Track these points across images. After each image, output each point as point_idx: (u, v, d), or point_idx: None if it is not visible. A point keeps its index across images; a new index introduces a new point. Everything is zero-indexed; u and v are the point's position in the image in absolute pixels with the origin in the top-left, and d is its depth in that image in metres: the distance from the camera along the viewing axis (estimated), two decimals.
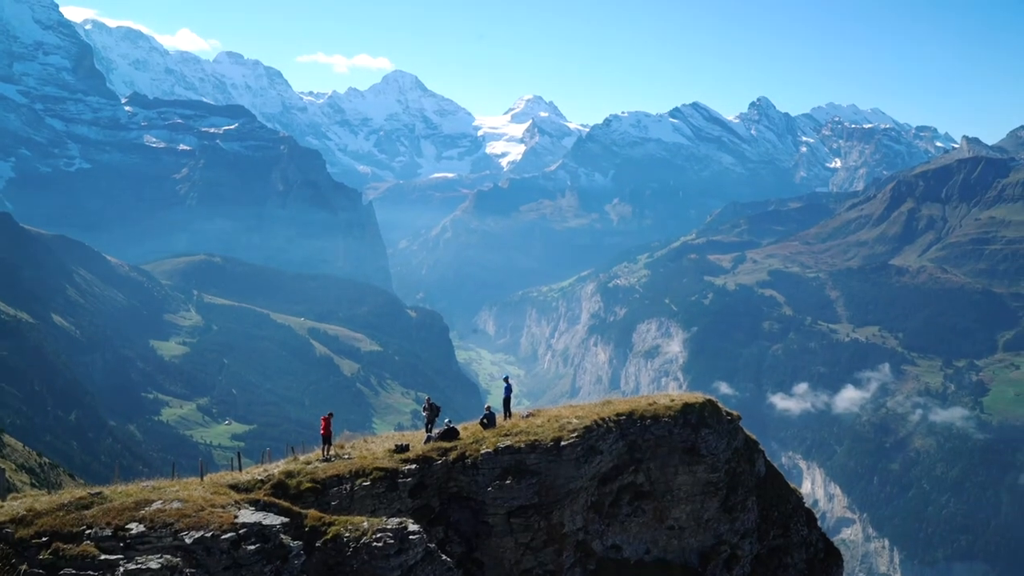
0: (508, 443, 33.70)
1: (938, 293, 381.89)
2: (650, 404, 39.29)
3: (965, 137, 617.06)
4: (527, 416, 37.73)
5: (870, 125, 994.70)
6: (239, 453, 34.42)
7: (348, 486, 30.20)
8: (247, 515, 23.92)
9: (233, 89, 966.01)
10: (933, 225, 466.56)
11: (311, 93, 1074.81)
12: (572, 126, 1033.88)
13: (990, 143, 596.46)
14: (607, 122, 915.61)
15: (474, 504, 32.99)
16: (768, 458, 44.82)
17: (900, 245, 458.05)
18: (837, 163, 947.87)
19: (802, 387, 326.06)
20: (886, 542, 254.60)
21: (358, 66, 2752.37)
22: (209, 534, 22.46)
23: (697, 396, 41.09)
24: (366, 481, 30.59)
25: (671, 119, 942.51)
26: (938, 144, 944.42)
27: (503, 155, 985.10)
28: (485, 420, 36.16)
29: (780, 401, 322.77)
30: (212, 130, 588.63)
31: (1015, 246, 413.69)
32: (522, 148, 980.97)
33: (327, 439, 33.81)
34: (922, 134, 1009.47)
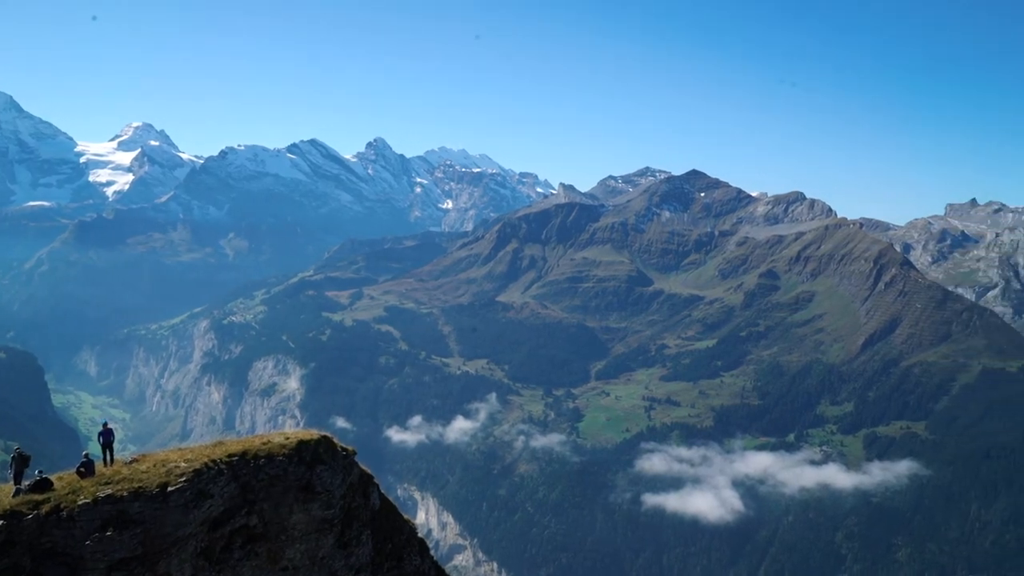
0: (109, 492, 31.70)
1: (539, 327, 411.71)
2: (264, 443, 38.68)
3: (562, 184, 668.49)
4: (131, 462, 35.66)
5: (479, 170, 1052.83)
6: None
7: None
8: None
9: None
10: (535, 264, 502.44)
11: None
12: (185, 157, 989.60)
13: (583, 190, 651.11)
14: (223, 154, 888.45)
15: (71, 560, 30.61)
16: (384, 491, 45.69)
17: (506, 283, 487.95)
18: (449, 204, 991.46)
19: (416, 419, 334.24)
20: (495, 565, 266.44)
21: None
22: None
23: (313, 433, 41.04)
24: None
25: (289, 155, 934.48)
26: (539, 190, 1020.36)
27: (109, 184, 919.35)
28: (83, 468, 33.66)
29: (396, 434, 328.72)
30: None
31: (604, 284, 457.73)
32: (130, 177, 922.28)
33: None
34: (525, 180, 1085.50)
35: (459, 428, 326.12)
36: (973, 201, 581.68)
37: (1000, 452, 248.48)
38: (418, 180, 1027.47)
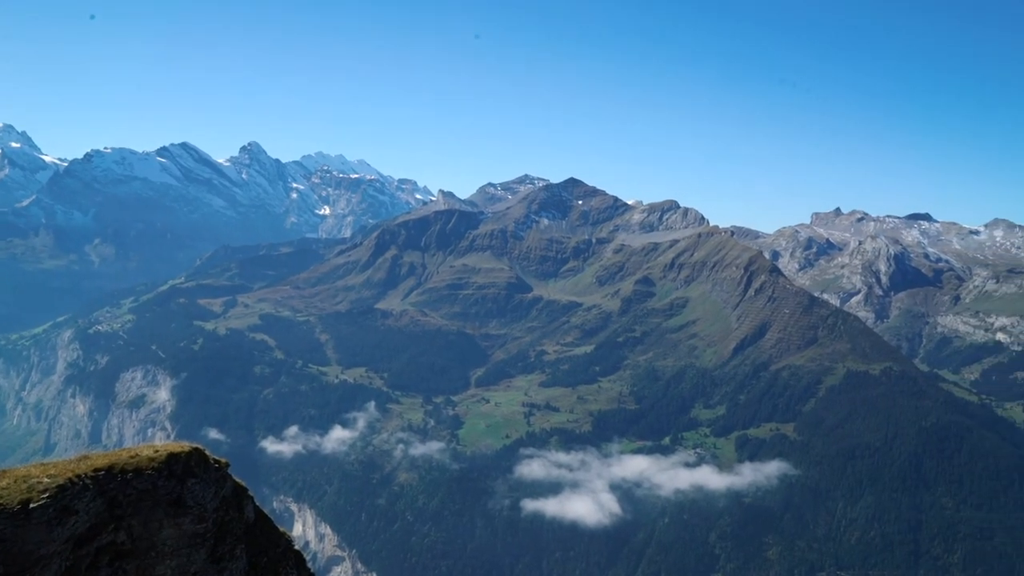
0: None
1: (419, 335, 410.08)
2: (132, 456, 37.14)
3: (441, 191, 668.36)
4: None
5: (357, 175, 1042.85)
6: None
7: None
8: None
9: None
10: (414, 271, 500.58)
11: None
12: (48, 159, 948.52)
13: (463, 197, 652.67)
14: (88, 157, 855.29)
15: None
16: (259, 503, 44.47)
17: (385, 290, 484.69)
18: (326, 210, 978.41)
19: (293, 430, 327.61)
20: (374, 575, 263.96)
21: None
22: None
23: (184, 445, 39.67)
24: None
25: (159, 158, 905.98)
26: (418, 196, 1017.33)
27: None
28: None
29: (271, 445, 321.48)
30: None
31: (484, 291, 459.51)
32: None
33: None
34: (404, 186, 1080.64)
35: (337, 438, 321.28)
36: (837, 210, 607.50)
37: (864, 452, 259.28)
38: (294, 186, 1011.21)
